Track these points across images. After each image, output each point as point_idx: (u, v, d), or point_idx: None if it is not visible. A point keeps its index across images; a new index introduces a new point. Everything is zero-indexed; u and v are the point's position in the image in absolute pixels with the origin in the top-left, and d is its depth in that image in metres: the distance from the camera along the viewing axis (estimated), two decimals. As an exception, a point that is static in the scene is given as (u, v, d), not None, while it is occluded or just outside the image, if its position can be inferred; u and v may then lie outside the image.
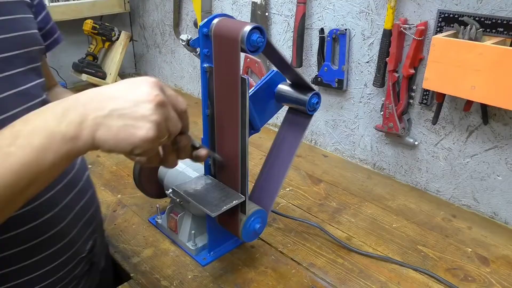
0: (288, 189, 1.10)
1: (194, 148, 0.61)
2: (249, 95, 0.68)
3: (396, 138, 1.12)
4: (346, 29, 1.12)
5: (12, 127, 0.45)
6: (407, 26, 0.99)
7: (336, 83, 1.19)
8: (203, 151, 0.62)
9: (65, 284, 0.68)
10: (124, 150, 0.46)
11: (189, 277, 0.80)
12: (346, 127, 1.24)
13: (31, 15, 0.66)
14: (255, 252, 0.87)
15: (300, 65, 1.26)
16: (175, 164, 0.59)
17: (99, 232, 0.79)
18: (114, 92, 0.47)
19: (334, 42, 1.17)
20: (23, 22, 0.62)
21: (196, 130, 1.42)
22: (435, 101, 0.99)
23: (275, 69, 0.80)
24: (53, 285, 0.66)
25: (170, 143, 0.55)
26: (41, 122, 0.45)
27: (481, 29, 0.87)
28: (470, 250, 0.89)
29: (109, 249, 0.87)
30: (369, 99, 1.15)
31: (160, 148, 0.56)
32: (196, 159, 0.62)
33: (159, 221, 0.93)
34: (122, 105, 0.45)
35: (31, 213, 0.60)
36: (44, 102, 0.65)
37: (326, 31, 1.17)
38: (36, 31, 0.65)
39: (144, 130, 0.45)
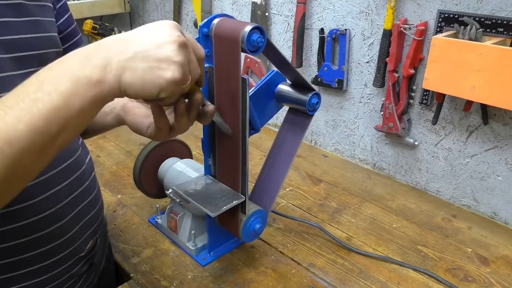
0: (288, 189, 1.10)
1: (202, 106, 0.59)
2: (249, 95, 0.68)
3: (396, 138, 1.12)
4: (346, 29, 1.12)
5: (38, 74, 0.45)
6: (407, 26, 0.99)
7: (336, 83, 1.19)
8: (210, 107, 0.59)
9: (62, 281, 0.68)
10: (150, 93, 0.46)
11: (189, 277, 0.80)
12: (346, 127, 1.24)
13: (53, 19, 0.66)
14: (255, 252, 0.87)
15: (300, 65, 1.26)
16: (186, 128, 0.58)
17: (101, 233, 0.79)
18: (137, 35, 0.47)
19: (334, 42, 1.17)
20: (43, 24, 0.63)
21: (196, 130, 1.42)
22: (435, 101, 0.99)
23: (275, 69, 0.80)
24: (49, 282, 0.66)
25: (184, 98, 0.54)
26: (65, 68, 0.45)
27: (481, 29, 0.87)
28: (470, 250, 0.89)
29: (111, 250, 0.87)
30: (369, 99, 1.15)
31: (170, 117, 0.55)
32: (203, 116, 0.59)
33: (159, 221, 0.93)
34: (146, 47, 0.45)
35: (32, 208, 0.60)
36: None
37: (326, 31, 1.17)
38: (56, 34, 0.66)
39: (170, 71, 0.45)
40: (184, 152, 0.99)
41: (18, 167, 0.43)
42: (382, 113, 1.10)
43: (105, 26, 1.69)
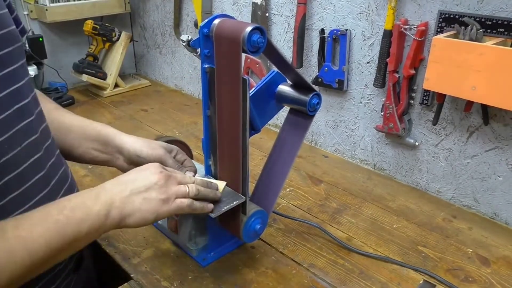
0: (288, 189, 1.10)
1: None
2: (249, 95, 0.68)
3: (397, 139, 1.12)
4: (346, 30, 1.12)
5: (59, 202, 0.57)
6: (408, 26, 0.99)
7: (336, 84, 1.19)
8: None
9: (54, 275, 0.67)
10: (147, 219, 0.62)
11: (190, 277, 0.80)
12: (346, 127, 1.24)
13: (6, 10, 0.62)
14: (255, 253, 0.87)
15: (301, 66, 1.26)
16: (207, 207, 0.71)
17: None
18: (131, 177, 0.64)
19: (335, 43, 1.17)
20: (6, 18, 0.60)
21: (197, 130, 1.43)
22: (436, 101, 0.99)
23: (275, 69, 0.80)
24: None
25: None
26: (81, 201, 0.58)
27: (481, 30, 0.87)
28: (471, 250, 0.89)
29: (100, 245, 0.88)
30: (369, 99, 1.15)
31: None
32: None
33: (160, 221, 0.93)
34: (138, 184, 0.63)
35: (2, 209, 0.58)
36: (34, 99, 0.64)
37: (327, 32, 1.17)
38: (14, 27, 0.62)
39: (156, 194, 0.63)
40: (185, 152, 0.99)
41: (27, 275, 0.52)
42: (382, 113, 1.10)
43: (105, 26, 1.69)
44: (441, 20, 0.94)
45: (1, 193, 0.57)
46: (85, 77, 1.68)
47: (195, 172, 0.80)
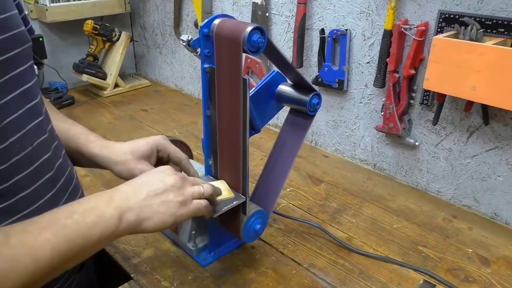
0: (288, 189, 1.10)
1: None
2: (249, 95, 0.68)
3: (397, 139, 1.12)
4: (346, 30, 1.12)
5: (70, 205, 0.55)
6: (408, 26, 0.99)
7: (336, 84, 1.19)
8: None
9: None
10: (166, 223, 0.59)
11: (190, 277, 0.80)
12: (346, 127, 1.24)
13: (16, 10, 0.62)
14: (255, 253, 0.87)
15: (301, 66, 1.26)
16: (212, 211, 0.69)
17: None
18: (145, 179, 0.62)
19: (335, 43, 1.17)
20: (16, 19, 0.60)
21: (197, 130, 1.43)
22: (436, 101, 0.99)
23: (275, 69, 0.80)
24: None
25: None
26: (93, 204, 0.55)
27: (481, 30, 0.87)
28: (471, 250, 0.89)
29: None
30: (369, 99, 1.15)
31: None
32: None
33: (160, 221, 0.93)
34: (155, 186, 0.60)
35: (11, 208, 0.58)
36: (41, 99, 0.64)
37: (327, 32, 1.17)
38: (24, 27, 0.62)
39: (173, 196, 0.61)
40: (185, 152, 0.98)
41: (33, 283, 0.49)
42: (382, 113, 1.10)
43: (105, 26, 1.69)
44: (441, 20, 0.94)
45: (11, 193, 0.57)
46: (85, 77, 1.68)
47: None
